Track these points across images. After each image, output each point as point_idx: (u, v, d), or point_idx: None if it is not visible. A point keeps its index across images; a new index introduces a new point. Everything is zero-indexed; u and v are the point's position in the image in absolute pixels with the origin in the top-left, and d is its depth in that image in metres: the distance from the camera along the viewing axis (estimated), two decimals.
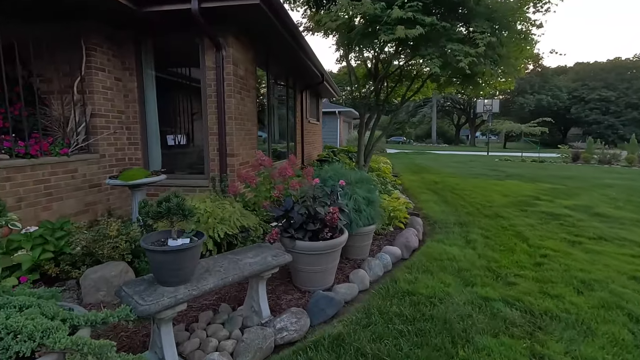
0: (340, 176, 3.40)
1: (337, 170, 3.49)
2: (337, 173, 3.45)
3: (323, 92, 12.60)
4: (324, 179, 3.42)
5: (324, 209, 2.68)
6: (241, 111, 5.24)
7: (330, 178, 3.39)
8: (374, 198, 3.42)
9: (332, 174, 3.44)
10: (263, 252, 2.42)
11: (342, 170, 3.52)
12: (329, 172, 3.44)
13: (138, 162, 5.23)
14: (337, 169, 3.52)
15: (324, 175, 3.44)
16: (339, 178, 3.38)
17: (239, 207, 3.73)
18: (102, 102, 4.70)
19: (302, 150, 9.89)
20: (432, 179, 9.68)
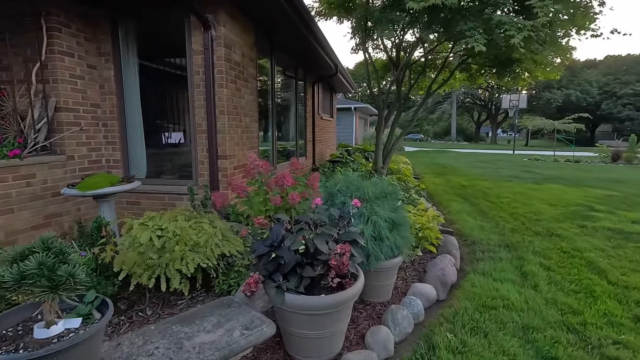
0: (354, 189, 2.49)
1: (350, 180, 2.57)
2: (350, 185, 2.54)
3: (337, 86, 11.66)
4: (332, 193, 2.52)
5: (328, 245, 1.78)
6: (236, 104, 4.38)
7: (340, 192, 2.48)
8: (400, 219, 2.49)
9: (343, 186, 2.53)
10: (230, 318, 1.55)
11: (357, 180, 2.61)
12: (338, 184, 2.53)
13: (117, 164, 4.45)
14: (350, 179, 2.61)
15: (332, 187, 2.53)
16: (352, 192, 2.47)
17: (221, 227, 2.88)
18: (69, 94, 3.92)
19: (314, 149, 9.00)
20: (459, 182, 8.62)
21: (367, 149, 11.19)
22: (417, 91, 9.19)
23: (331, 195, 2.52)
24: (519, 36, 3.39)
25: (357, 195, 2.44)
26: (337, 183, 2.53)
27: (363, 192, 2.48)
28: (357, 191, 2.48)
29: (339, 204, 2.41)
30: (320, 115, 9.91)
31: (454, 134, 45.69)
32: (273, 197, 3.11)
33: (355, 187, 2.52)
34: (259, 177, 3.35)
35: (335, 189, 2.49)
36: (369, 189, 2.48)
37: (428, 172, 10.74)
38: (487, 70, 6.74)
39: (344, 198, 2.41)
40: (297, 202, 3.06)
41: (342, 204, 2.40)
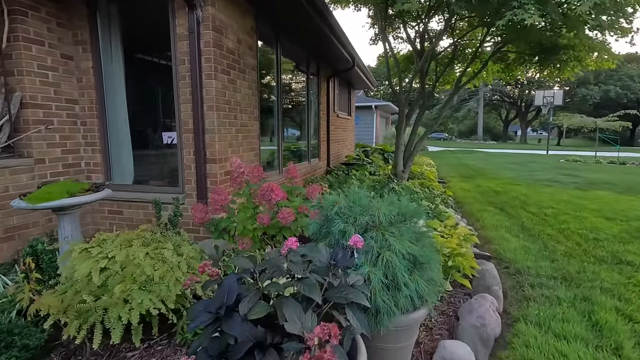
0: (360, 211, 1.78)
1: (355, 198, 1.86)
2: (355, 204, 1.83)
3: (356, 82, 10.90)
4: (329, 217, 1.81)
5: (300, 323, 1.09)
6: (230, 99, 3.75)
7: (339, 216, 1.77)
8: (426, 255, 1.76)
9: (346, 207, 1.81)
10: None
11: (364, 197, 1.89)
12: (336, 205, 1.81)
13: (97, 168, 3.92)
14: (356, 195, 1.89)
15: (329, 209, 1.82)
16: (357, 215, 1.76)
17: (190, 255, 2.23)
18: (37, 88, 3.41)
19: (329, 149, 8.30)
20: (491, 186, 7.67)
21: (386, 149, 10.38)
22: (443, 86, 8.31)
23: (327, 221, 1.81)
24: (588, 2, 2.54)
25: (362, 224, 1.73)
26: (335, 202, 1.81)
27: (373, 214, 1.77)
28: (363, 214, 1.77)
29: (337, 234, 1.70)
30: (337, 113, 9.20)
31: (480, 132, 43.73)
32: (260, 215, 2.45)
33: (362, 207, 1.80)
34: (247, 186, 2.70)
35: (333, 211, 1.78)
36: (380, 210, 1.76)
37: (454, 175, 9.80)
38: (527, 59, 5.81)
39: (345, 225, 1.70)
40: (289, 220, 2.39)
41: (340, 234, 1.69)
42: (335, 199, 1.83)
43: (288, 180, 2.93)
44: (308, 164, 6.89)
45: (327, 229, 1.76)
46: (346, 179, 6.03)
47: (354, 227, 1.72)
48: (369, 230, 1.75)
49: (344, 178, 6.20)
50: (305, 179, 6.31)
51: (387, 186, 5.45)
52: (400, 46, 21.11)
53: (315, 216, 2.29)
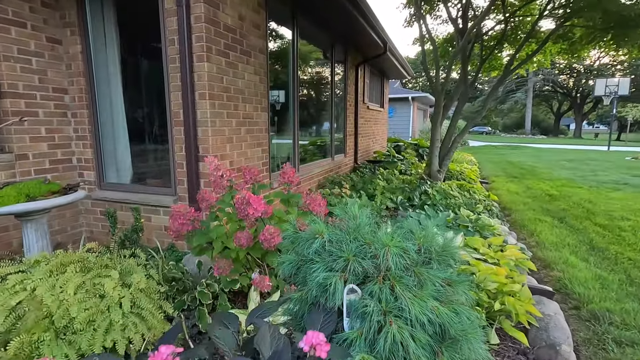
0: (357, 247, 1.12)
1: (354, 227, 1.20)
2: (351, 234, 1.17)
3: (389, 71, 10.03)
4: (306, 257, 1.17)
5: None
6: (228, 86, 3.19)
7: (320, 256, 1.12)
8: (462, 324, 1.07)
9: (336, 240, 1.17)
10: None
11: (366, 224, 1.23)
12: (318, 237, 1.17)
13: (88, 164, 3.55)
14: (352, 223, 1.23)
15: (306, 246, 1.18)
16: (350, 254, 1.11)
17: (141, 285, 1.70)
18: (18, 75, 3.05)
19: (356, 144, 7.60)
20: (544, 189, 6.59)
21: (422, 144, 9.45)
22: (488, 72, 7.27)
23: (304, 262, 1.18)
24: None
25: (358, 272, 1.08)
26: (317, 233, 1.17)
27: (376, 252, 1.11)
28: (362, 253, 1.11)
29: (315, 290, 1.06)
30: (367, 104, 8.44)
31: (528, 126, 40.49)
32: (238, 234, 1.87)
33: (360, 242, 1.15)
34: (229, 193, 2.13)
35: (313, 248, 1.14)
36: (389, 249, 1.10)
37: (499, 175, 8.69)
38: (598, 35, 4.73)
39: (328, 275, 1.06)
40: (274, 243, 1.78)
41: (320, 290, 1.05)
42: (318, 228, 1.18)
43: (284, 186, 2.33)
44: (331, 160, 6.25)
45: (303, 279, 1.13)
46: (372, 178, 5.32)
47: (344, 277, 1.07)
48: (370, 281, 1.10)
49: (369, 177, 5.49)
50: (327, 178, 5.69)
51: (418, 189, 4.68)
52: (439, 28, 19.70)
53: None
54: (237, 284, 2.21)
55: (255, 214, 1.71)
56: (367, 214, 1.31)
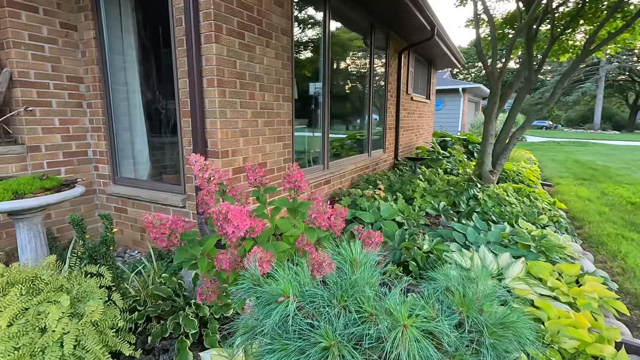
0: (352, 326, 0.63)
1: (347, 285, 0.72)
2: (343, 297, 0.69)
3: (437, 58, 9.14)
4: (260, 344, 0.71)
5: None
6: (242, 71, 2.80)
7: (281, 345, 0.66)
8: None
9: (313, 308, 0.69)
10: None
11: (366, 287, 0.74)
12: (280, 306, 0.70)
13: (102, 157, 3.37)
14: (346, 282, 0.75)
15: (260, 321, 0.72)
16: (338, 340, 0.62)
17: (99, 314, 1.35)
18: (29, 63, 2.90)
19: (397, 138, 6.95)
20: (624, 194, 5.50)
21: (472, 140, 8.51)
22: (557, 56, 6.21)
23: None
24: None
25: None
26: (279, 295, 0.71)
27: (381, 333, 0.63)
28: (357, 333, 0.63)
29: None
30: (410, 95, 7.72)
31: (597, 120, 36.26)
32: (220, 256, 1.46)
33: (355, 312, 0.66)
34: (223, 198, 1.74)
35: (268, 324, 0.68)
36: (404, 329, 0.61)
37: (565, 176, 7.54)
38: None
39: None
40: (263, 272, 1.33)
41: None
42: (276, 290, 0.71)
43: (293, 192, 1.88)
44: (367, 156, 5.70)
45: None
46: (411, 178, 4.71)
47: None
48: None
49: (408, 177, 4.88)
50: (361, 176, 5.17)
51: (466, 192, 4.01)
52: (498, 7, 17.89)
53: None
54: (229, 309, 1.82)
55: (237, 232, 1.29)
56: (373, 260, 0.82)
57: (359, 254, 0.82)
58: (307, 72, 4.10)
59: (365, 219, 3.18)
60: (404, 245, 2.47)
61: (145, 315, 1.79)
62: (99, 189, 3.46)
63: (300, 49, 3.89)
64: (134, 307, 1.89)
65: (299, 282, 0.75)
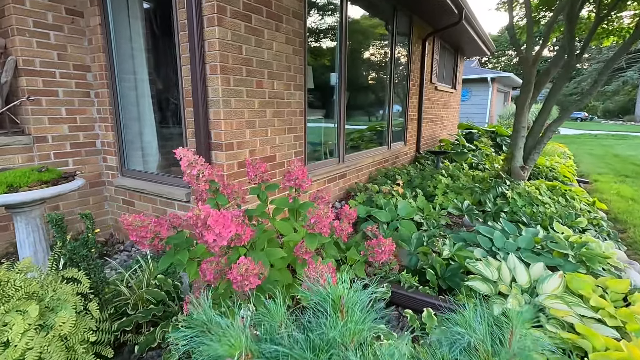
0: None
1: (334, 346, 0.51)
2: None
3: (465, 45, 8.61)
4: None
5: None
6: (249, 56, 2.60)
7: None
8: None
9: None
10: None
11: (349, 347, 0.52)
12: None
13: (110, 149, 3.29)
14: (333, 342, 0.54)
15: None
16: None
17: (69, 327, 1.21)
18: (34, 51, 2.82)
19: (419, 130, 6.60)
20: None
21: (501, 132, 8.00)
22: (599, 39, 5.64)
23: None
24: None
25: None
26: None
27: None
28: None
29: None
30: (435, 84, 7.31)
31: (639, 112, 33.85)
32: (204, 266, 1.29)
33: None
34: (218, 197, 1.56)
35: None
36: None
37: (604, 172, 6.95)
38: None
39: None
40: (250, 287, 1.16)
41: None
42: (218, 352, 0.51)
43: (294, 192, 1.68)
44: (386, 149, 5.42)
45: None
46: (433, 173, 4.40)
47: None
48: None
49: (430, 172, 4.57)
50: (379, 170, 4.91)
51: (493, 190, 3.67)
52: None
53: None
54: None
55: (220, 241, 1.10)
56: (365, 299, 0.60)
57: (346, 290, 0.61)
58: (322, 59, 3.86)
59: (381, 217, 2.94)
60: (421, 250, 2.22)
61: (133, 321, 1.66)
62: (108, 181, 3.40)
63: (314, 35, 3.64)
64: (124, 311, 1.77)
65: (267, 328, 0.55)
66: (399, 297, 1.95)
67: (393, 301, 1.98)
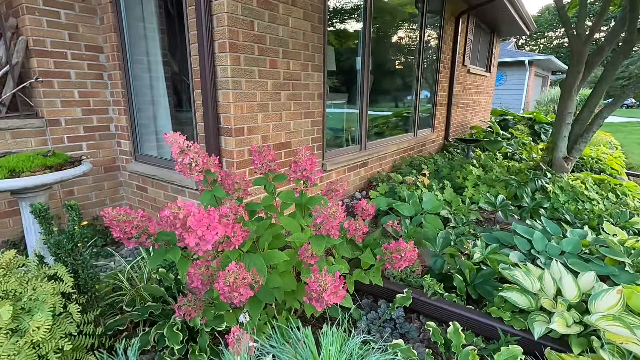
0: None
1: None
2: None
3: (502, 24, 7.95)
4: None
5: None
6: (262, 33, 2.37)
7: None
8: None
9: None
10: None
11: None
12: None
13: (124, 133, 3.21)
14: None
15: None
16: None
17: (42, 333, 1.08)
18: (45, 31, 2.73)
19: (448, 116, 6.18)
20: None
21: (540, 119, 7.38)
22: None
23: None
24: None
25: None
26: None
27: None
28: None
29: None
30: (467, 67, 6.79)
31: None
32: (190, 271, 1.12)
33: None
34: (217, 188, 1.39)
35: None
36: None
37: None
38: None
39: None
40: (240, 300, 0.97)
41: None
42: None
43: (301, 184, 1.47)
44: (412, 136, 5.09)
45: None
46: (463, 163, 4.06)
47: None
48: None
49: (459, 161, 4.22)
50: (404, 158, 4.61)
51: (531, 183, 3.31)
52: None
53: None
54: (222, 322, 1.50)
55: (203, 245, 0.92)
56: None
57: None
58: (344, 41, 3.57)
59: (403, 211, 2.69)
60: (447, 252, 1.97)
61: (127, 320, 1.54)
62: (122, 166, 3.33)
63: (337, 15, 3.36)
64: (121, 308, 1.65)
65: None
66: (421, 305, 1.73)
67: (414, 309, 1.76)
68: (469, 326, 1.62)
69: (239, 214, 1.28)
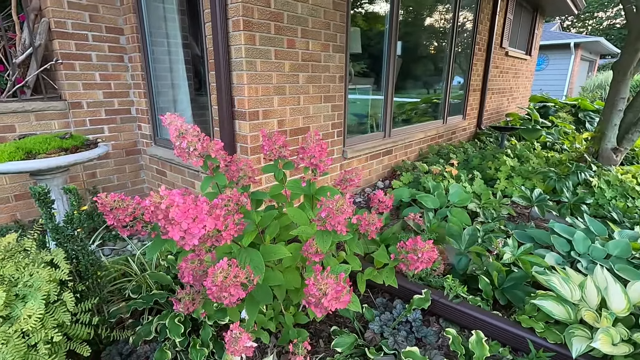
0: None
1: None
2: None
3: (547, 2, 7.29)
4: None
5: None
6: (279, 10, 2.23)
7: None
8: None
9: None
10: None
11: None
12: None
13: (144, 116, 3.20)
14: None
15: None
16: None
17: (32, 324, 1.04)
18: (66, 12, 2.73)
19: (482, 103, 5.80)
20: None
21: (585, 106, 6.77)
22: None
23: None
24: None
25: None
26: None
27: None
28: None
29: None
30: (505, 50, 6.30)
31: None
32: (181, 265, 1.03)
33: None
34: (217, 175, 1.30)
35: None
36: None
37: None
38: None
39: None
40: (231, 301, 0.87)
41: None
42: None
43: (310, 173, 1.35)
44: (441, 123, 4.80)
45: None
46: (495, 152, 3.76)
47: None
48: None
49: (491, 151, 3.92)
50: (431, 147, 4.36)
51: (572, 176, 3.01)
52: None
53: None
54: (225, 316, 1.43)
55: (189, 240, 0.82)
56: None
57: None
58: (370, 20, 3.34)
59: (427, 203, 2.51)
60: (473, 250, 1.79)
61: (131, 308, 1.50)
62: (143, 150, 3.34)
63: None
64: (127, 295, 1.62)
65: None
66: (441, 308, 1.58)
67: (433, 311, 1.61)
68: (494, 335, 1.46)
69: (240, 203, 1.18)
